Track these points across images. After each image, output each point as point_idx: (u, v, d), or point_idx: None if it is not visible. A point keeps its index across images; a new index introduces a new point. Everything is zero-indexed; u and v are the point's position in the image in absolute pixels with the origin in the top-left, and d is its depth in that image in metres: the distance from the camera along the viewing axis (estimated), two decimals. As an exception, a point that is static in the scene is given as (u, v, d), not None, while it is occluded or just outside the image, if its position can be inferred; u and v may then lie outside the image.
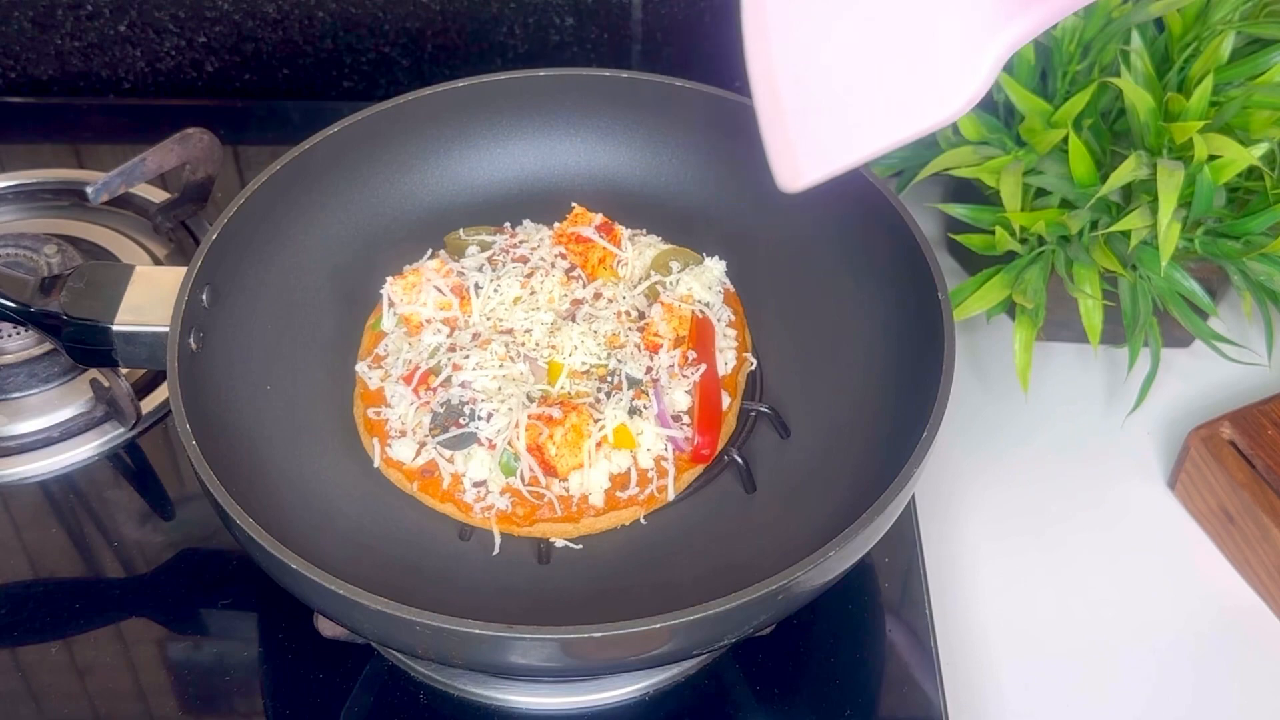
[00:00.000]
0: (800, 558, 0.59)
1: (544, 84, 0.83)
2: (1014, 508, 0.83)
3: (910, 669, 0.72)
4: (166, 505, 0.79)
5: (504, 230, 0.82)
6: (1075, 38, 0.81)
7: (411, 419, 0.72)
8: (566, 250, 0.79)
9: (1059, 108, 0.79)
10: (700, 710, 0.70)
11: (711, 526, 0.71)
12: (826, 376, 0.76)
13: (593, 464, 0.70)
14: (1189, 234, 0.80)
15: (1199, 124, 0.75)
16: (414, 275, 0.77)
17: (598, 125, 0.84)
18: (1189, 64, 0.79)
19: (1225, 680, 0.75)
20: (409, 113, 0.81)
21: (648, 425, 0.71)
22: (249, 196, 0.74)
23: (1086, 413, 0.88)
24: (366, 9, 1.01)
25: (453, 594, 0.66)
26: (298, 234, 0.79)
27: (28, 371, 0.83)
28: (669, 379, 0.73)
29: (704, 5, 1.01)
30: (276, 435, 0.72)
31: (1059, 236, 0.81)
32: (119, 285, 0.72)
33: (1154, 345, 0.82)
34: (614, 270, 0.79)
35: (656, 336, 0.74)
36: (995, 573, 0.80)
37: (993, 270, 0.82)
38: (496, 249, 0.80)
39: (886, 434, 0.69)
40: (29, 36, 1.03)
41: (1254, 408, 0.81)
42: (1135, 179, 0.76)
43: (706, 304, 0.77)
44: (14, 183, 0.97)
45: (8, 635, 0.73)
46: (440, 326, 0.76)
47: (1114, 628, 0.77)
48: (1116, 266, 0.79)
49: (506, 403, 0.70)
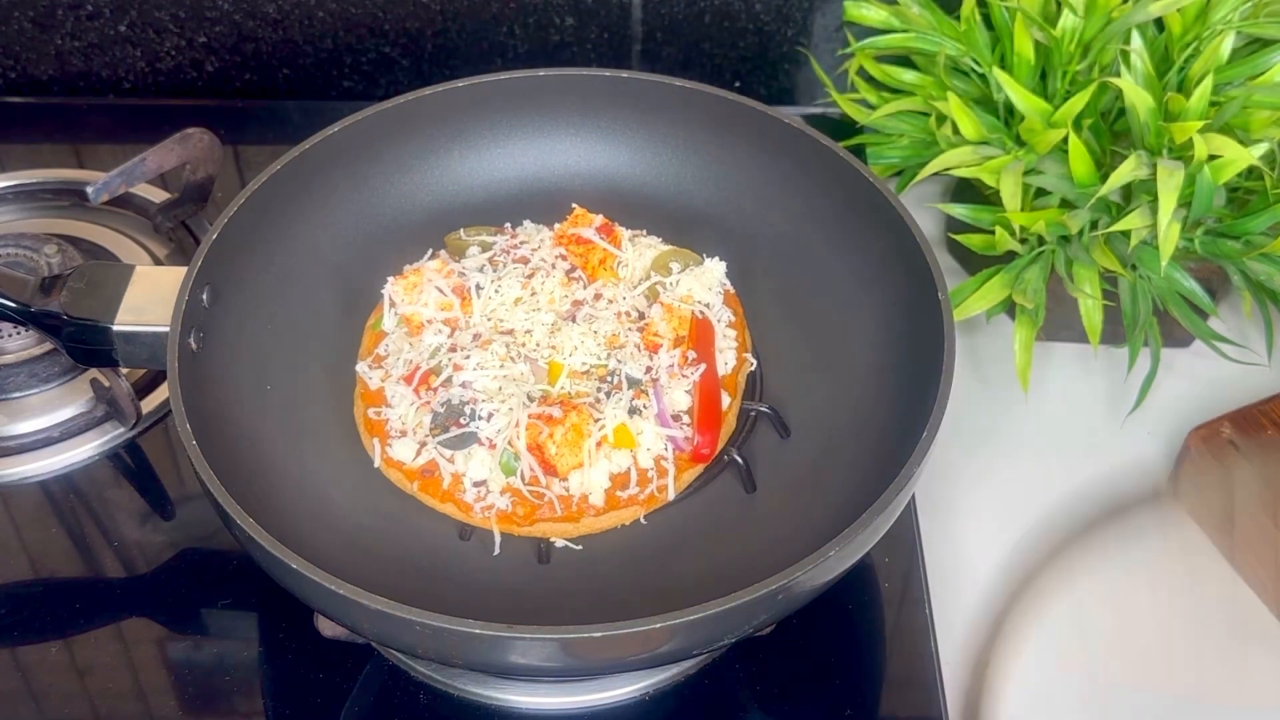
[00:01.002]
0: (800, 558, 0.59)
1: (544, 84, 0.83)
2: (1014, 508, 0.83)
3: (910, 669, 0.72)
4: (166, 505, 0.79)
5: (504, 231, 0.82)
6: (1075, 38, 0.81)
7: (412, 419, 0.72)
8: (567, 251, 0.79)
9: (1059, 108, 0.79)
10: (700, 710, 0.70)
11: (711, 526, 0.71)
12: (827, 376, 0.76)
13: (593, 463, 0.70)
14: (1189, 234, 0.80)
15: (1199, 124, 0.75)
16: (415, 275, 0.77)
17: (598, 125, 0.84)
18: (1189, 64, 0.79)
19: (1225, 680, 0.75)
20: (409, 113, 0.81)
21: (648, 425, 0.71)
22: (249, 196, 0.74)
23: (1086, 413, 0.88)
24: (366, 9, 1.01)
25: (453, 594, 0.66)
26: (298, 234, 0.79)
27: (28, 371, 0.83)
28: (669, 379, 0.73)
29: (704, 5, 1.01)
30: (277, 435, 0.72)
31: (1059, 236, 0.81)
32: (119, 285, 0.72)
33: (1154, 345, 0.82)
34: (614, 271, 0.79)
35: (656, 336, 0.74)
36: (995, 573, 0.80)
37: (993, 270, 0.82)
38: (497, 249, 0.80)
39: (886, 434, 0.69)
40: (29, 36, 1.03)
41: (1254, 408, 0.81)
42: (1135, 179, 0.76)
43: (706, 304, 0.77)
44: (14, 183, 0.97)
45: (8, 635, 0.73)
46: (441, 327, 0.76)
47: (1114, 628, 0.77)
48: (1116, 266, 0.79)
49: (507, 402, 0.70)
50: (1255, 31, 0.78)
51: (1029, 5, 0.81)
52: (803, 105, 1.05)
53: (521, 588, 0.68)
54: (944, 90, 0.84)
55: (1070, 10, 0.81)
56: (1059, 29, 0.81)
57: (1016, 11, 0.81)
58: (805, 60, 1.03)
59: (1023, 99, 0.80)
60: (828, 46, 1.03)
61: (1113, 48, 0.80)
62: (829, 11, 1.01)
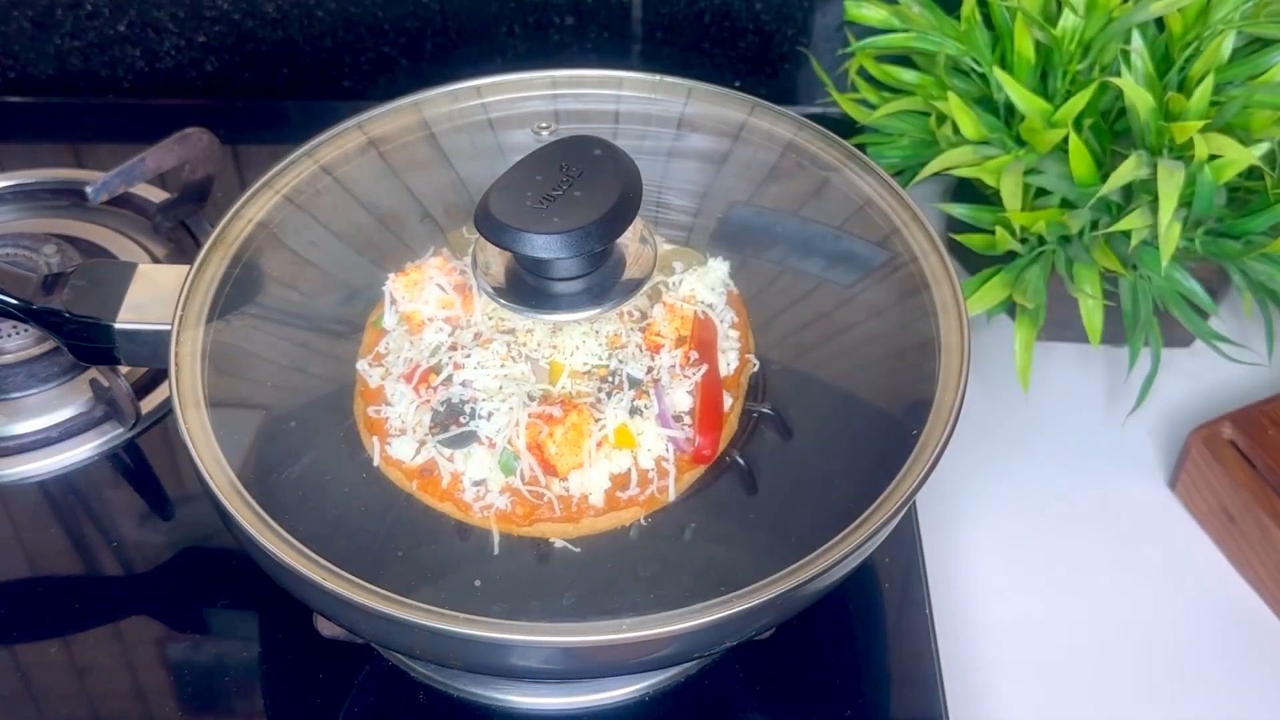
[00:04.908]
0: (801, 559, 0.59)
1: (543, 84, 0.83)
2: (1014, 508, 0.83)
3: (910, 669, 0.72)
4: (166, 505, 0.79)
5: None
6: (1075, 37, 0.81)
7: (411, 417, 0.72)
8: (567, 250, 0.79)
9: (1059, 107, 0.79)
10: (700, 710, 0.70)
11: (712, 528, 0.71)
12: (829, 377, 0.76)
13: (593, 463, 0.69)
14: (1189, 234, 0.80)
15: (1199, 124, 0.75)
16: (416, 273, 0.77)
17: (600, 124, 0.84)
18: (1189, 64, 0.79)
19: (1225, 680, 0.75)
20: (409, 112, 0.81)
21: (648, 425, 0.71)
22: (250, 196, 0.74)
23: (1087, 413, 0.88)
24: (366, 9, 1.01)
25: (452, 594, 0.66)
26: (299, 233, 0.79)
27: (27, 371, 0.83)
28: (670, 379, 0.73)
29: (704, 5, 1.01)
30: (276, 433, 0.72)
31: (1059, 236, 0.81)
32: (121, 283, 0.72)
33: (1154, 345, 0.82)
34: (614, 270, 0.79)
35: (658, 336, 0.74)
36: (995, 573, 0.80)
37: (993, 270, 0.82)
38: (498, 248, 0.80)
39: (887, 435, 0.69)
40: (28, 36, 1.03)
41: (1254, 408, 0.81)
42: (1135, 179, 0.76)
43: (709, 305, 0.77)
44: (13, 183, 0.97)
45: (7, 635, 0.73)
46: (442, 325, 0.75)
47: (1114, 628, 0.77)
48: (1117, 266, 0.79)
49: (507, 402, 0.70)
50: (1256, 31, 0.78)
51: (1029, 5, 0.81)
52: (803, 105, 1.05)
53: (521, 588, 0.68)
54: (944, 90, 0.84)
55: (1071, 10, 0.81)
56: (1059, 29, 0.81)
57: (1017, 11, 0.81)
58: (805, 60, 1.03)
59: (1023, 99, 0.80)
60: (828, 46, 1.03)
61: (1113, 47, 0.80)
62: (829, 11, 1.01)
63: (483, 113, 0.84)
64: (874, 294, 0.76)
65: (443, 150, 0.83)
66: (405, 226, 0.82)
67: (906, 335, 0.73)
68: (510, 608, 0.64)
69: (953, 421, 0.64)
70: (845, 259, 0.78)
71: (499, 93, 0.83)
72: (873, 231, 0.76)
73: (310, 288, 0.79)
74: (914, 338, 0.72)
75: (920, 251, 0.72)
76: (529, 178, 0.66)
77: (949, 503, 0.82)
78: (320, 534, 0.67)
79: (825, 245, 0.79)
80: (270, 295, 0.76)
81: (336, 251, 0.80)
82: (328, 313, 0.79)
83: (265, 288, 0.76)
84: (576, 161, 0.66)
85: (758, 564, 0.62)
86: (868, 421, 0.72)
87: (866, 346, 0.75)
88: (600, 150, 0.67)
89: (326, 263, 0.80)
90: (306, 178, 0.78)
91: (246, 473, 0.67)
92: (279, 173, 0.76)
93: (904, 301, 0.74)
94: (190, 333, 0.70)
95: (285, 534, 0.62)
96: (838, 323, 0.77)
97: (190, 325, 0.70)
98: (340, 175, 0.80)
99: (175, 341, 0.68)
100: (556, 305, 0.68)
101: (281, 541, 0.60)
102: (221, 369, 0.71)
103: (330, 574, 0.59)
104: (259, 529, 0.60)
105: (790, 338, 0.78)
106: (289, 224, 0.78)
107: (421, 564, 0.68)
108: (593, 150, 0.67)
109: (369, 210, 0.81)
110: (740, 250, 0.81)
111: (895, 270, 0.74)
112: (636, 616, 0.57)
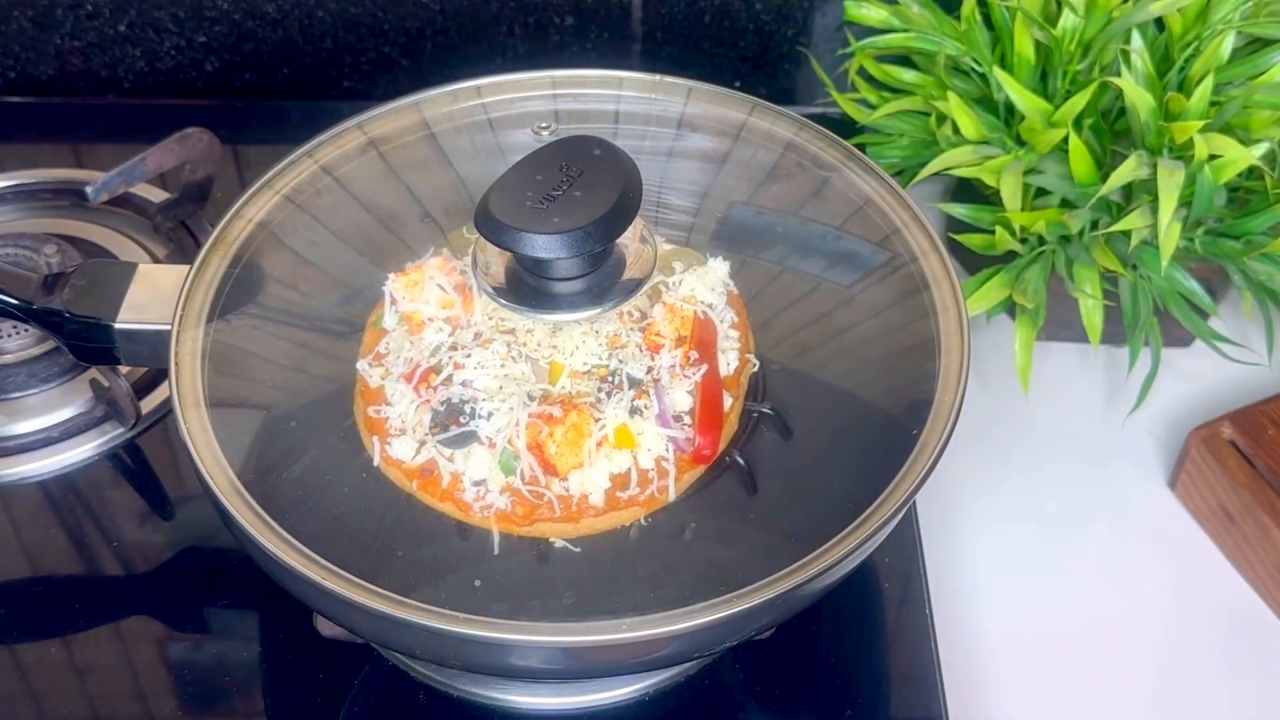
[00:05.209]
0: (801, 559, 0.59)
1: (543, 84, 0.83)
2: (1014, 508, 0.83)
3: (910, 669, 0.72)
4: (166, 505, 0.79)
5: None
6: (1075, 37, 0.81)
7: (412, 417, 0.72)
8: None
9: (1059, 107, 0.79)
10: (700, 710, 0.70)
11: (712, 528, 0.70)
12: (828, 377, 0.76)
13: (593, 463, 0.69)
14: (1189, 234, 0.80)
15: (1199, 124, 0.75)
16: (416, 273, 0.77)
17: (600, 124, 0.84)
18: (1189, 64, 0.79)
19: (1225, 680, 0.75)
20: (409, 112, 0.81)
21: (648, 425, 0.71)
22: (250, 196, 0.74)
23: (1087, 413, 0.88)
24: (366, 9, 1.01)
25: (452, 594, 0.66)
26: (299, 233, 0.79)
27: (27, 371, 0.83)
28: (670, 379, 0.73)
29: (704, 5, 1.01)
30: (276, 433, 0.72)
31: (1059, 236, 0.81)
32: (121, 283, 0.72)
33: (1154, 345, 0.82)
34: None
35: (658, 336, 0.74)
36: (995, 573, 0.80)
37: (993, 270, 0.82)
38: (499, 248, 0.80)
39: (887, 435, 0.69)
40: (28, 36, 1.03)
41: (1254, 408, 0.81)
42: (1135, 179, 0.76)
43: (709, 305, 0.77)
44: (13, 183, 0.97)
45: (7, 635, 0.73)
46: (442, 325, 0.75)
47: (1114, 628, 0.77)
48: (1117, 266, 0.79)
49: (507, 401, 0.70)
50: (1256, 31, 0.78)
51: (1029, 5, 0.81)
52: (803, 105, 1.05)
53: (521, 588, 0.68)
54: (944, 90, 0.84)
55: (1070, 10, 0.81)
56: (1059, 29, 0.81)
57: (1016, 11, 0.81)
58: (805, 60, 1.03)
59: (1023, 99, 0.80)
60: (828, 46, 1.03)
61: (1113, 47, 0.80)
62: (829, 11, 1.01)
63: (483, 113, 0.84)
64: (874, 294, 0.76)
65: (443, 150, 0.83)
66: (405, 226, 0.82)
67: (906, 335, 0.73)
68: (510, 608, 0.64)
69: (952, 421, 0.64)
70: (845, 259, 0.78)
71: (499, 93, 0.83)
72: (873, 231, 0.76)
73: (310, 288, 0.79)
74: (914, 338, 0.72)
75: (920, 251, 0.72)
76: (529, 178, 0.66)
77: (949, 503, 0.82)
78: (320, 534, 0.67)
79: (825, 245, 0.79)
80: (270, 295, 0.76)
81: (336, 251, 0.80)
82: (328, 313, 0.79)
83: (265, 288, 0.76)
84: (576, 161, 0.66)
85: (758, 564, 0.62)
86: (867, 421, 0.72)
87: (866, 346, 0.75)
88: (600, 150, 0.67)
89: (326, 263, 0.80)
90: (306, 178, 0.78)
91: (246, 473, 0.67)
92: (279, 173, 0.76)
93: (904, 301, 0.74)
94: (190, 333, 0.70)
95: (285, 534, 0.62)
96: (838, 323, 0.77)
97: (190, 325, 0.70)
98: (340, 175, 0.80)
99: (175, 341, 0.68)
100: (556, 305, 0.67)
101: (281, 541, 0.60)
102: (221, 369, 0.71)
103: (330, 574, 0.59)
104: (259, 529, 0.60)
105: (790, 338, 0.78)
106: (289, 224, 0.78)
107: (421, 564, 0.68)
108: (593, 150, 0.67)
109: (369, 210, 0.81)
110: (740, 250, 0.81)
111: (895, 270, 0.74)
112: (636, 616, 0.57)
